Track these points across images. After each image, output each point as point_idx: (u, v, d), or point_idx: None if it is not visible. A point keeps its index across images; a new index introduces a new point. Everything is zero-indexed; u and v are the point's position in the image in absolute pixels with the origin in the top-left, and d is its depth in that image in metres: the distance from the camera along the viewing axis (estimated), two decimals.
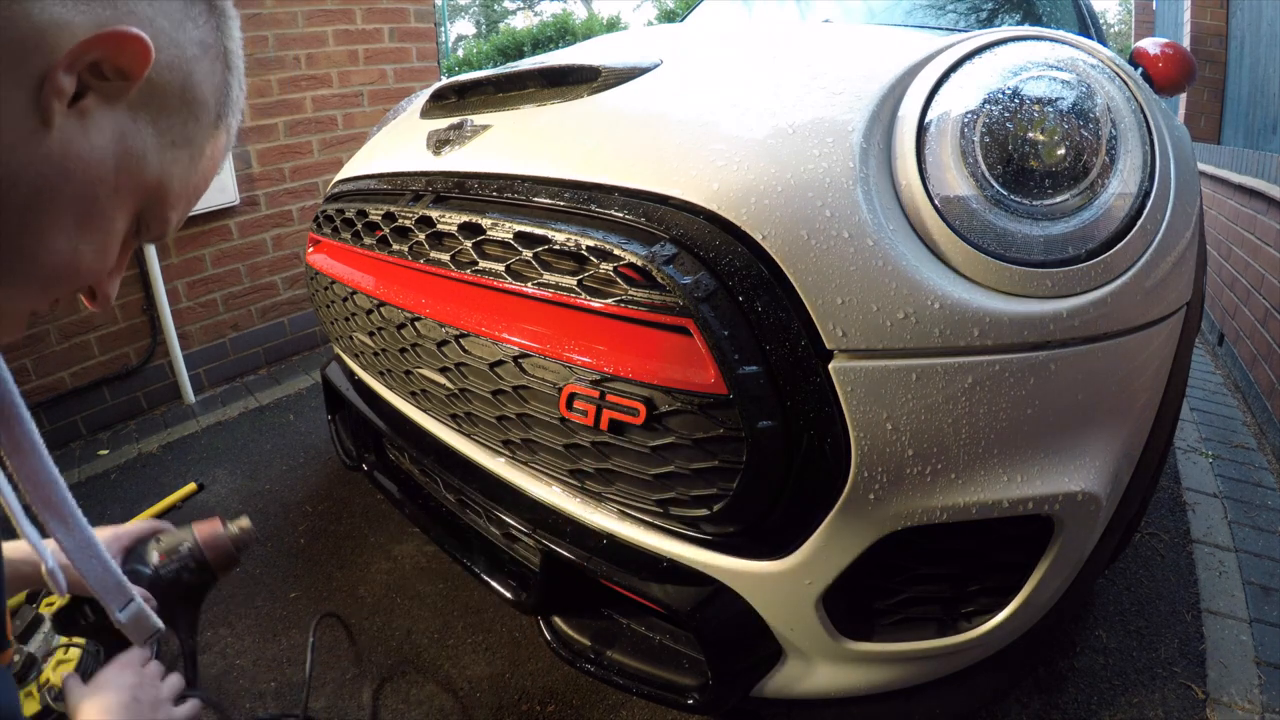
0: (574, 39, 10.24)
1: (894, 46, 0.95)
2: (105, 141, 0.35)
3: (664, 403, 0.72)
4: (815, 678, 0.86)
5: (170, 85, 0.36)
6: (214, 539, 0.72)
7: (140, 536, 0.71)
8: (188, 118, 0.39)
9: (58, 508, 0.44)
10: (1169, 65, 1.58)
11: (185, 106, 0.38)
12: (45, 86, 0.31)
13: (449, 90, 1.20)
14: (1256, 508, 1.68)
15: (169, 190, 0.39)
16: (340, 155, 2.78)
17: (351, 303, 1.16)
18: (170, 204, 0.40)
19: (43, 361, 2.08)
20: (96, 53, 0.32)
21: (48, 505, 0.44)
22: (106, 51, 0.32)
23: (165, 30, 0.35)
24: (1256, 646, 1.25)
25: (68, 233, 0.35)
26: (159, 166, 0.38)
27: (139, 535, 0.71)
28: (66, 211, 0.34)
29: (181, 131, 0.38)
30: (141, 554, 0.68)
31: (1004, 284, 0.71)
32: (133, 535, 0.71)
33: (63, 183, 0.33)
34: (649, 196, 0.78)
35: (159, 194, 0.39)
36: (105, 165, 0.35)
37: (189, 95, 0.38)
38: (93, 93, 0.33)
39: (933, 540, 0.76)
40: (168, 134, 0.38)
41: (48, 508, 0.44)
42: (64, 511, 0.45)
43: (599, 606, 0.99)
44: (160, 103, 0.37)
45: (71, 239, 0.35)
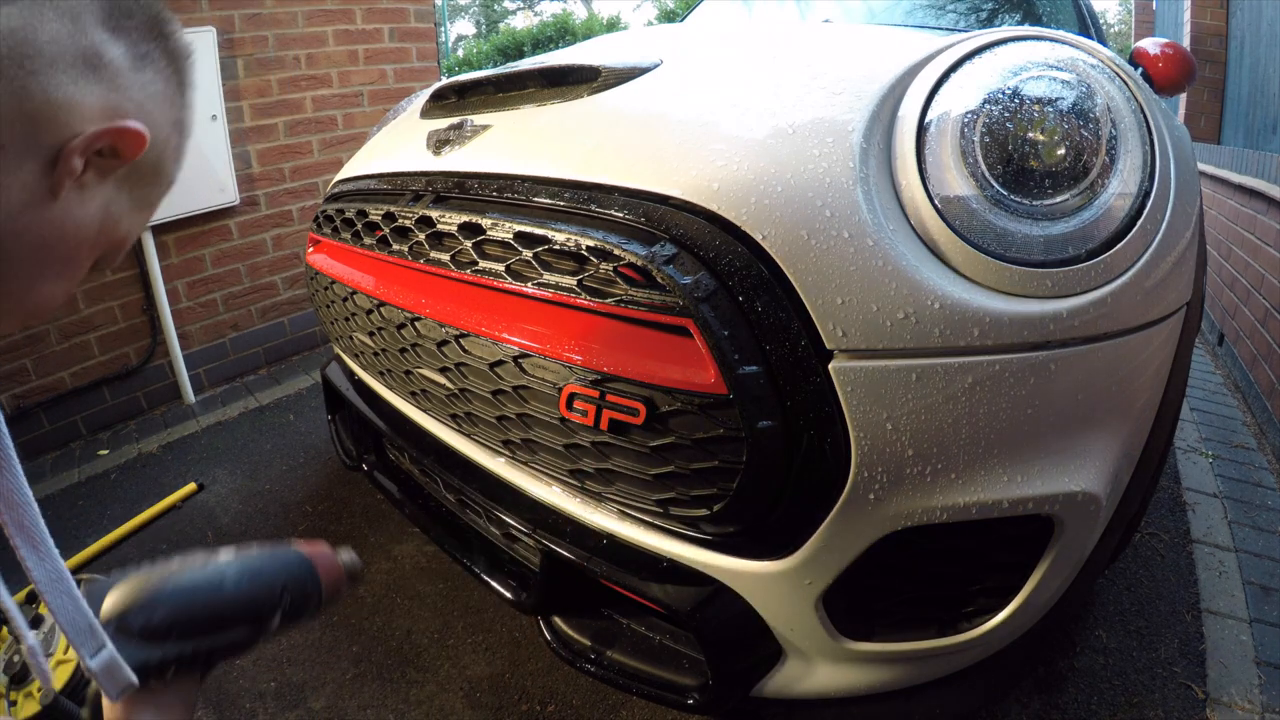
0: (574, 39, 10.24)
1: (894, 46, 0.95)
2: (95, 209, 0.41)
3: (664, 403, 0.72)
4: (815, 678, 0.86)
5: (148, 161, 0.42)
6: (334, 590, 0.57)
7: None
8: (155, 184, 0.45)
9: (30, 532, 0.42)
10: (1169, 65, 1.58)
11: (155, 176, 0.45)
12: (60, 165, 0.37)
13: (449, 90, 1.20)
14: (1256, 508, 1.68)
15: (128, 240, 0.46)
16: (340, 155, 2.78)
17: (351, 303, 1.16)
18: (124, 248, 0.46)
19: (43, 361, 2.08)
20: (105, 142, 0.38)
21: (20, 529, 0.41)
22: (112, 141, 0.38)
23: (154, 115, 0.41)
24: (1256, 646, 1.25)
25: (51, 280, 0.41)
26: (128, 225, 0.44)
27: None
28: (56, 264, 0.40)
29: (148, 196, 0.45)
30: (264, 618, 0.52)
31: (1004, 284, 0.71)
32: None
33: (58, 243, 0.39)
34: (649, 196, 0.78)
35: (122, 245, 0.45)
36: (92, 228, 0.41)
37: (160, 167, 0.45)
38: (91, 169, 0.39)
39: (933, 540, 0.76)
40: (139, 199, 0.44)
41: (20, 531, 0.41)
42: (36, 537, 0.42)
43: (599, 606, 0.99)
44: (138, 176, 0.43)
45: (53, 285, 0.41)
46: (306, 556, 0.54)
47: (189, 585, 0.48)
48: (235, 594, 0.49)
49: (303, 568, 0.53)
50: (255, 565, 0.51)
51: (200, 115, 2.30)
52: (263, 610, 0.50)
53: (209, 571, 0.49)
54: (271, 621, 0.50)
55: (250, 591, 0.50)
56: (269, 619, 0.50)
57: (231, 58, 2.40)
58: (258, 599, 0.50)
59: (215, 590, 0.48)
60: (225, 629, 0.48)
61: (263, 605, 0.50)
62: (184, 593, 0.47)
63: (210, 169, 2.37)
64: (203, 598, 0.48)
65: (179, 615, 0.46)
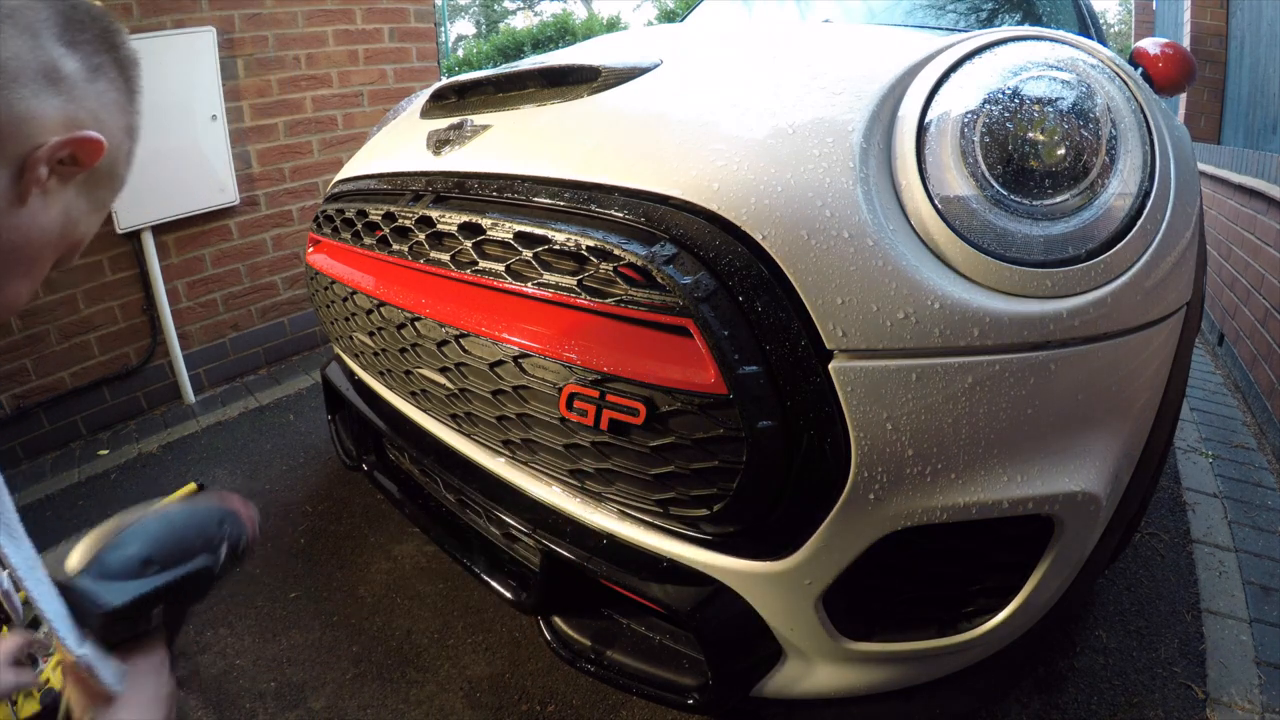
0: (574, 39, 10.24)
1: (894, 46, 0.95)
2: (57, 213, 0.44)
3: (664, 403, 0.72)
4: (815, 678, 0.86)
5: (105, 166, 0.45)
6: (253, 528, 0.62)
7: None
8: (110, 187, 0.48)
9: (6, 520, 0.42)
10: (1169, 65, 1.58)
11: (110, 179, 0.48)
12: (26, 174, 0.39)
13: (449, 90, 1.20)
14: (1256, 508, 1.68)
15: (85, 240, 0.49)
16: (340, 155, 2.78)
17: (351, 303, 1.16)
18: (81, 248, 0.49)
19: (43, 361, 2.08)
20: (66, 151, 0.41)
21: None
22: (74, 150, 0.41)
23: (108, 123, 0.44)
24: (1256, 646, 1.25)
25: (18, 281, 0.44)
26: (85, 227, 0.47)
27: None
28: (23, 265, 0.43)
29: (103, 198, 0.48)
30: (215, 546, 0.56)
31: (1004, 284, 0.71)
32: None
33: (25, 245, 0.42)
34: (649, 196, 0.78)
35: (79, 245, 0.48)
36: (55, 231, 0.44)
37: (115, 171, 0.48)
38: (53, 176, 0.42)
39: (933, 540, 0.76)
40: (95, 201, 0.47)
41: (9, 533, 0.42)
42: (8, 521, 0.42)
43: (599, 606, 0.99)
44: (95, 180, 0.46)
45: (20, 285, 0.44)
46: (222, 497, 0.61)
47: (146, 524, 0.51)
48: (186, 525, 0.54)
49: (225, 508, 0.59)
50: (190, 506, 0.57)
51: (200, 115, 2.30)
52: (211, 538, 0.54)
53: (155, 513, 0.54)
54: (220, 550, 0.55)
55: (196, 522, 0.55)
56: (218, 548, 0.55)
57: (231, 58, 2.40)
58: (205, 528, 0.55)
59: (169, 524, 0.53)
60: (189, 557, 0.51)
61: (210, 534, 0.55)
62: (145, 530, 0.51)
63: (210, 169, 2.36)
64: (163, 530, 0.52)
65: (151, 546, 0.49)
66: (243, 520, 0.59)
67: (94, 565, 0.47)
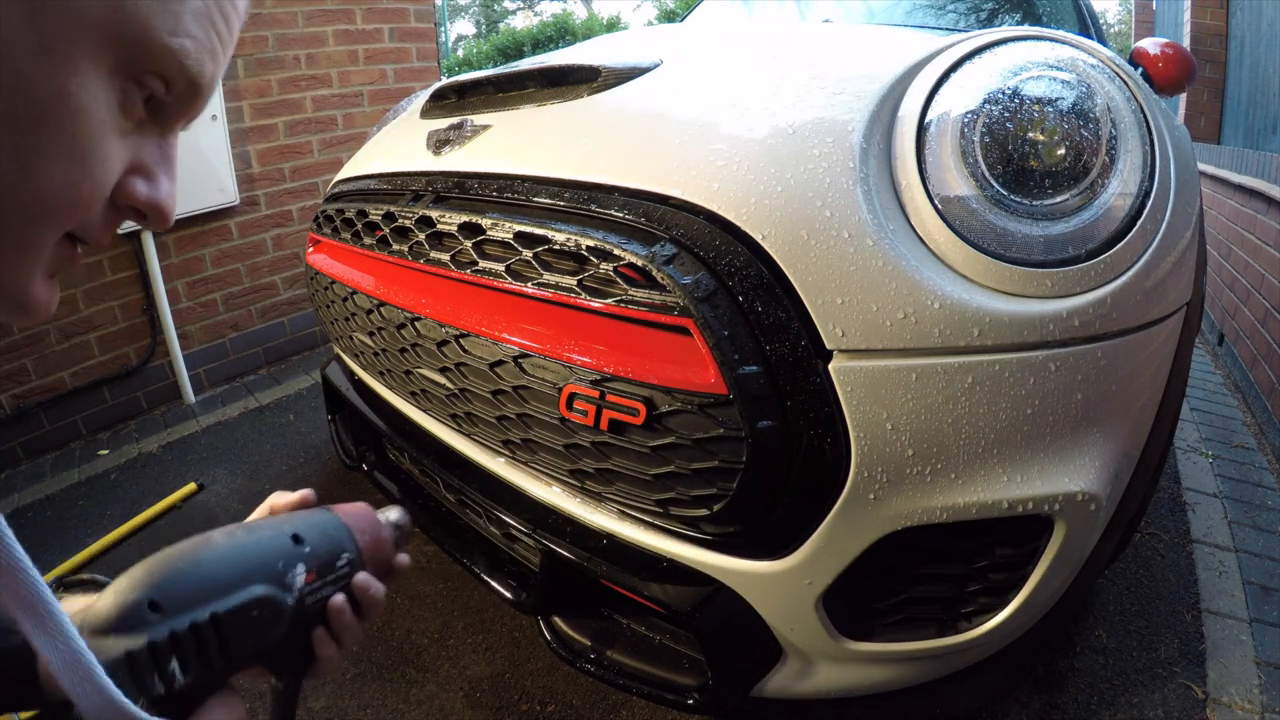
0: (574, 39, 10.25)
1: (894, 46, 0.95)
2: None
3: (664, 403, 0.72)
4: (815, 678, 0.86)
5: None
6: (377, 549, 0.48)
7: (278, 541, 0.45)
8: None
9: (35, 608, 0.32)
10: (1169, 65, 1.58)
11: None
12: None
13: (449, 90, 1.20)
14: (1256, 508, 1.68)
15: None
16: (340, 155, 2.78)
17: (351, 303, 1.16)
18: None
19: (43, 361, 2.08)
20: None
21: (21, 602, 0.32)
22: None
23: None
24: (1256, 646, 1.25)
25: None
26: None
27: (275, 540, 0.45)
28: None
29: None
30: (279, 572, 0.42)
31: (1004, 284, 0.71)
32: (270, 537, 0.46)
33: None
34: (649, 196, 0.78)
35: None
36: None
37: None
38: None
39: (932, 540, 0.76)
40: None
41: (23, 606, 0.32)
42: (43, 612, 0.32)
43: (599, 606, 0.99)
44: None
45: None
46: (329, 510, 0.47)
47: (173, 557, 0.39)
48: (226, 546, 0.40)
49: (320, 516, 0.46)
50: (251, 524, 0.44)
51: (200, 115, 2.30)
52: (272, 558, 0.41)
53: (199, 540, 0.40)
54: (292, 574, 0.41)
55: (248, 541, 0.41)
56: (286, 571, 0.41)
57: (231, 57, 2.40)
58: (262, 546, 0.41)
59: (205, 553, 0.39)
60: (225, 591, 0.38)
61: (270, 553, 0.41)
62: (165, 565, 0.38)
63: (210, 169, 2.37)
64: (186, 563, 0.38)
65: (159, 587, 0.37)
66: (345, 526, 0.46)
67: (95, 616, 0.35)
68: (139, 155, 0.32)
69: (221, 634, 0.37)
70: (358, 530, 0.47)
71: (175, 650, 0.35)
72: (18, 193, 0.27)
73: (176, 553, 0.39)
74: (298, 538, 0.43)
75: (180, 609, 0.36)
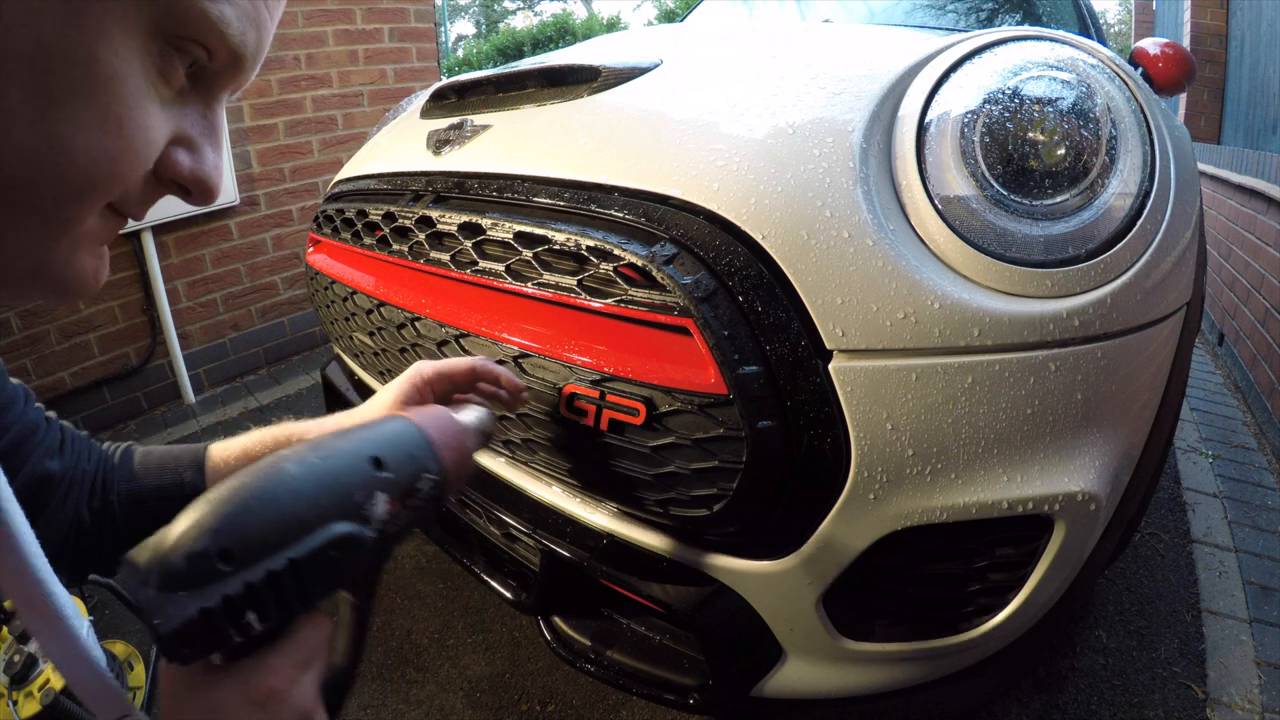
0: (574, 39, 10.25)
1: (894, 46, 0.95)
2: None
3: (664, 403, 0.72)
4: (815, 678, 0.86)
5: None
6: (461, 462, 0.44)
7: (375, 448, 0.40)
8: None
9: (40, 605, 0.34)
10: (1169, 65, 1.58)
11: None
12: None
13: (449, 90, 1.20)
14: (1256, 508, 1.68)
15: None
16: (340, 155, 2.78)
17: (351, 303, 1.16)
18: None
19: (43, 361, 2.08)
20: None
21: (28, 601, 0.34)
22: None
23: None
24: (1256, 646, 1.25)
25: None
26: None
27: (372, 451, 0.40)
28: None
29: None
30: (359, 504, 0.37)
31: (1004, 284, 0.71)
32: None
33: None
34: (649, 196, 0.78)
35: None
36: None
37: None
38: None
39: (933, 540, 0.76)
40: None
41: (28, 605, 0.34)
42: (48, 610, 0.34)
43: (599, 606, 0.99)
44: None
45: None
46: (404, 418, 0.42)
47: (243, 494, 0.34)
48: (300, 478, 0.35)
49: (400, 430, 0.41)
50: (326, 446, 0.38)
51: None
52: (349, 489, 0.37)
53: (267, 469, 0.36)
54: (372, 505, 0.37)
55: (323, 470, 0.36)
56: (366, 502, 0.37)
57: None
58: (340, 476, 0.37)
59: (278, 488, 0.35)
60: (302, 532, 0.34)
61: (348, 483, 0.37)
62: (235, 504, 0.33)
63: None
64: (261, 502, 0.34)
65: (231, 533, 0.32)
66: (425, 439, 0.41)
67: (164, 571, 0.31)
68: (182, 126, 0.30)
69: (300, 580, 0.34)
70: (440, 444, 0.41)
71: (251, 602, 0.32)
72: (50, 167, 0.25)
73: (247, 488, 0.34)
74: (378, 461, 0.38)
75: (254, 557, 0.32)
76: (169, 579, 0.31)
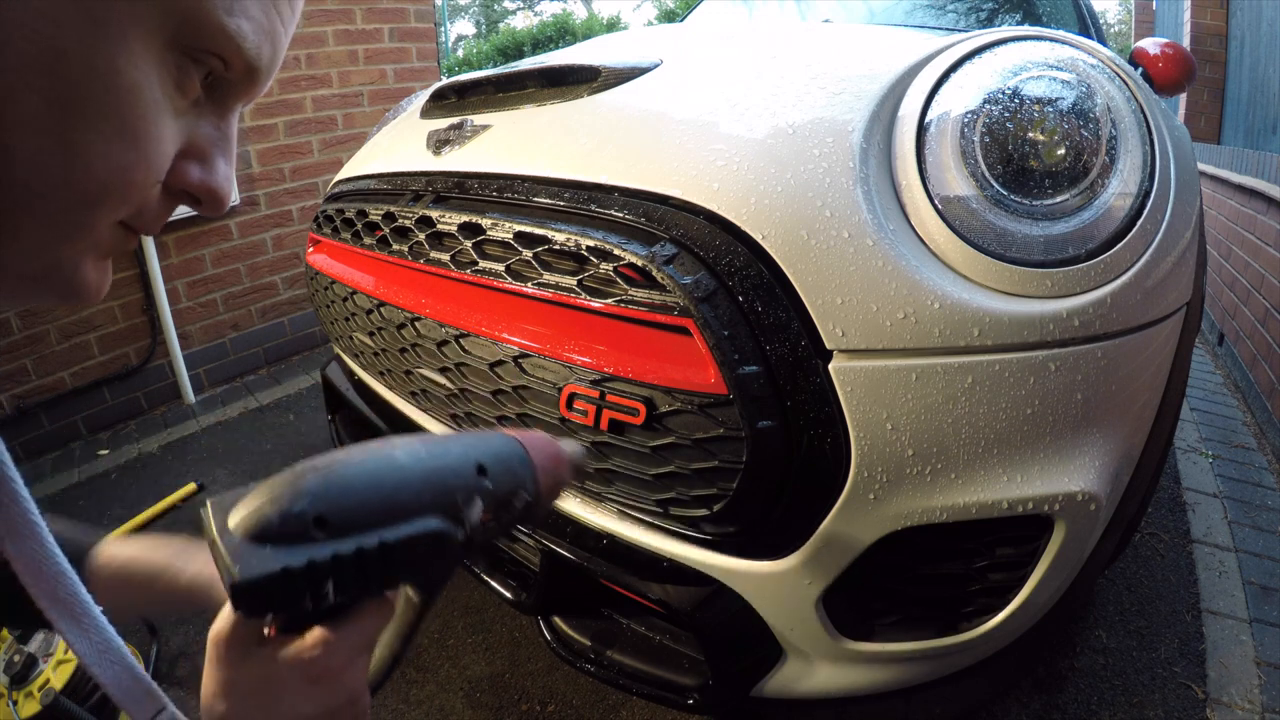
0: (574, 39, 10.25)
1: (894, 46, 0.95)
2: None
3: (664, 403, 0.72)
4: (815, 678, 0.86)
5: None
6: (554, 489, 0.45)
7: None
8: None
9: (68, 603, 0.35)
10: (1169, 65, 1.58)
11: None
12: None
13: (449, 90, 1.20)
14: (1256, 508, 1.68)
15: None
16: (340, 155, 2.78)
17: (351, 303, 1.16)
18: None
19: (43, 361, 2.08)
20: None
21: (55, 600, 0.35)
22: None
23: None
24: (1256, 646, 1.25)
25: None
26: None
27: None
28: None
29: None
30: (457, 505, 0.38)
31: (1004, 284, 0.71)
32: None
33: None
34: (649, 196, 0.78)
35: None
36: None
37: None
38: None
39: (933, 540, 0.76)
40: None
41: (55, 603, 0.35)
42: (76, 608, 0.35)
43: (599, 606, 0.99)
44: None
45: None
46: (511, 437, 0.43)
47: (350, 469, 0.35)
48: (412, 474, 0.36)
49: (506, 446, 0.42)
50: (437, 443, 0.40)
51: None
52: (452, 489, 0.37)
53: (379, 452, 0.37)
54: (469, 509, 0.38)
55: (432, 465, 0.37)
56: (465, 505, 0.38)
57: None
58: (447, 474, 0.38)
59: (385, 470, 0.36)
60: (397, 518, 0.35)
61: (451, 483, 0.38)
62: (341, 476, 0.35)
63: None
64: (365, 480, 0.35)
65: (330, 502, 0.33)
66: (526, 457, 0.42)
67: (256, 521, 0.32)
68: (194, 136, 0.30)
69: (385, 563, 0.34)
70: (541, 468, 0.43)
71: (334, 573, 0.32)
72: (67, 175, 0.25)
73: (355, 464, 0.35)
74: (482, 468, 0.39)
75: (348, 530, 0.33)
76: (260, 530, 0.31)
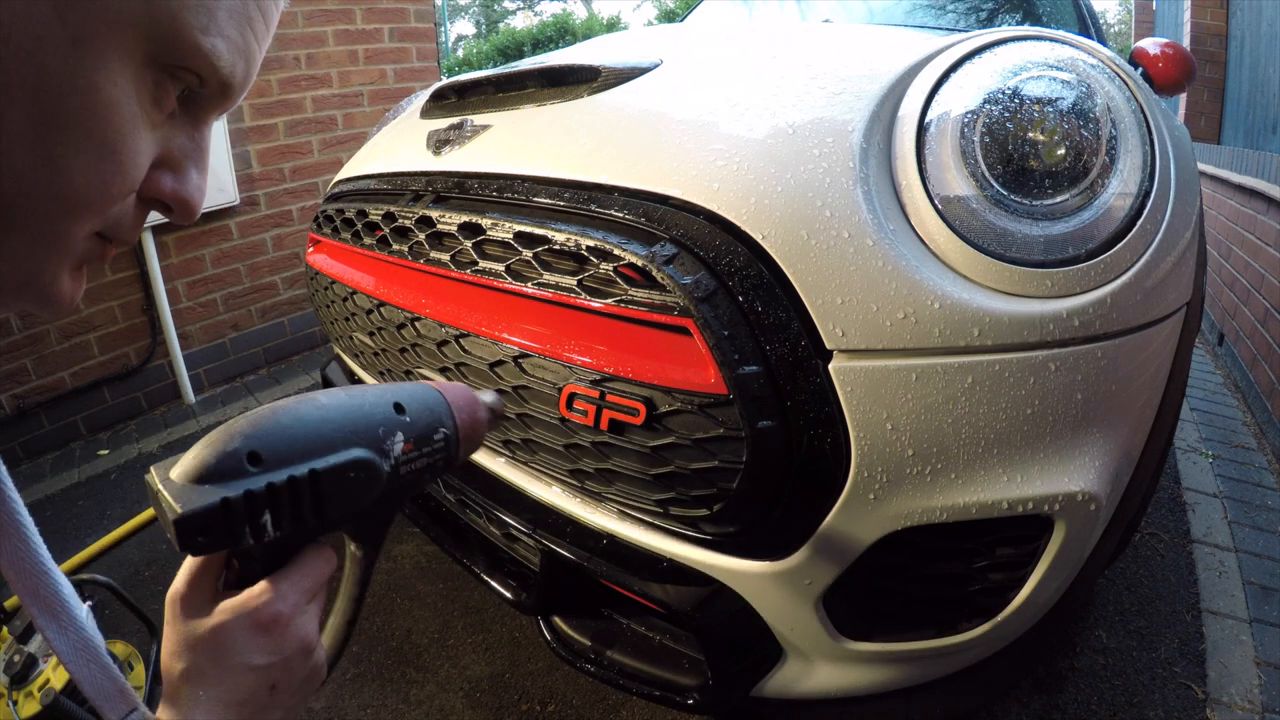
0: (574, 39, 10.25)
1: (894, 46, 0.95)
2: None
3: (664, 403, 0.72)
4: (815, 678, 0.86)
5: None
6: (473, 428, 0.47)
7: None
8: None
9: (48, 601, 0.36)
10: (1169, 65, 1.58)
11: None
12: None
13: (449, 90, 1.20)
14: (1256, 508, 1.68)
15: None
16: (340, 155, 2.78)
17: (351, 303, 1.16)
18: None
19: (43, 361, 2.08)
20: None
21: (36, 598, 0.36)
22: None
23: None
24: (1256, 646, 1.25)
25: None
26: None
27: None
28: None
29: None
30: (379, 438, 0.41)
31: (1004, 284, 0.71)
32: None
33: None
34: (649, 196, 0.78)
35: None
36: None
37: None
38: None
39: (933, 540, 0.76)
40: None
41: (36, 601, 0.36)
42: (56, 606, 0.36)
43: (599, 606, 0.99)
44: None
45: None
46: (427, 384, 0.47)
47: (277, 413, 0.38)
48: (333, 413, 0.39)
49: (421, 389, 0.45)
50: (355, 388, 0.43)
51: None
52: (374, 424, 0.40)
53: (304, 398, 0.40)
54: (391, 441, 0.41)
55: (351, 404, 0.40)
56: (386, 437, 0.40)
57: None
58: (366, 410, 0.40)
59: (309, 411, 0.38)
60: (327, 450, 0.38)
61: (373, 418, 0.40)
62: (269, 419, 0.37)
63: (210, 169, 2.36)
64: (292, 420, 0.38)
65: (261, 439, 0.36)
66: (445, 401, 0.45)
67: (195, 465, 0.35)
68: (169, 147, 0.31)
69: (318, 492, 0.37)
70: (457, 407, 0.46)
71: (270, 503, 0.35)
72: (48, 190, 0.26)
73: (280, 408, 0.38)
74: (400, 406, 0.42)
75: (280, 463, 0.36)
76: (198, 472, 0.34)
